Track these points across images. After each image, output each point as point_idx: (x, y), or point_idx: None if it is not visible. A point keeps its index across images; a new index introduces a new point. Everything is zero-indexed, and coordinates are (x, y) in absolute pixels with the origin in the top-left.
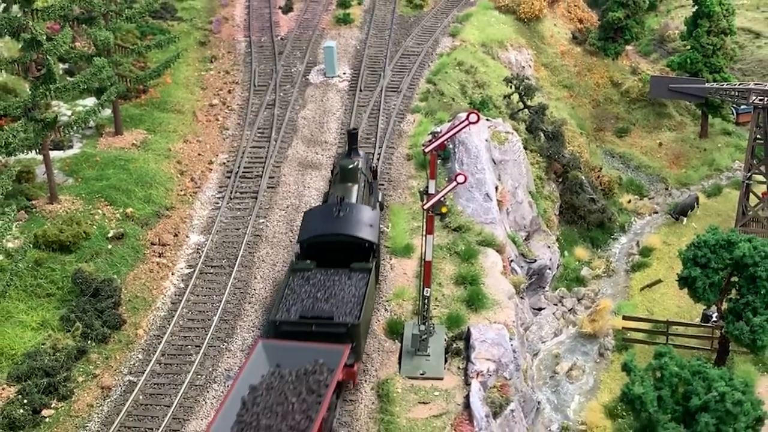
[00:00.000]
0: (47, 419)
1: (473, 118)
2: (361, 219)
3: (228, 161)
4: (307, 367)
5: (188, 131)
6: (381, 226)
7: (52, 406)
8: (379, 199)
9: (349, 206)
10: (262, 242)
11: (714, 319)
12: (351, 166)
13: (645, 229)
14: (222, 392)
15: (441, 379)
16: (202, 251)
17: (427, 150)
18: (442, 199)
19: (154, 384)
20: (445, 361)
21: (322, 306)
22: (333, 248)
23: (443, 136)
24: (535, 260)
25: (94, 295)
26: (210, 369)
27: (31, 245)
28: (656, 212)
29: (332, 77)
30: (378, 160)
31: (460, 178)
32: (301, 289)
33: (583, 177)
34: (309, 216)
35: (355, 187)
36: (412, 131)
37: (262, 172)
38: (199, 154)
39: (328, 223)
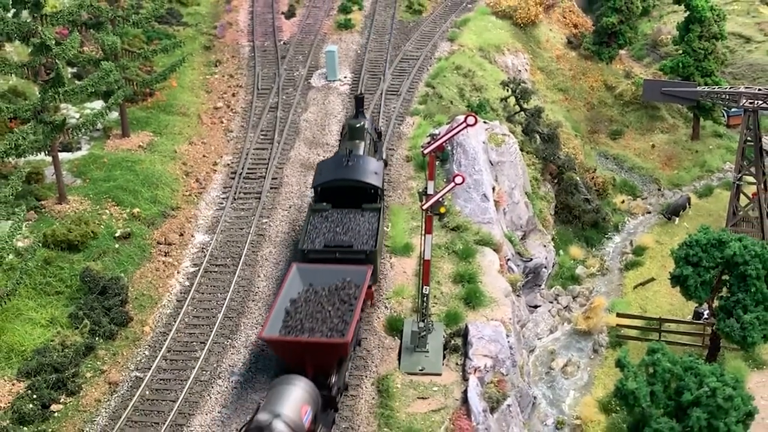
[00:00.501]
0: (56, 414)
1: (471, 120)
2: (368, 168)
3: (232, 163)
4: (337, 284)
5: (193, 133)
6: (385, 183)
7: (61, 401)
8: (383, 157)
9: (357, 157)
10: (265, 241)
11: (705, 316)
12: (358, 125)
13: (638, 229)
14: (226, 388)
15: (439, 374)
16: (207, 250)
17: (426, 151)
18: (440, 199)
19: (160, 379)
20: (444, 357)
21: (341, 237)
22: (343, 192)
23: (442, 138)
24: (531, 259)
25: (101, 293)
26: (215, 365)
27: (41, 244)
28: (649, 212)
29: (333, 81)
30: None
31: (458, 179)
32: (321, 225)
33: (577, 178)
34: (322, 165)
35: (362, 143)
36: (411, 133)
37: (266, 173)
38: (204, 156)
39: (339, 171)
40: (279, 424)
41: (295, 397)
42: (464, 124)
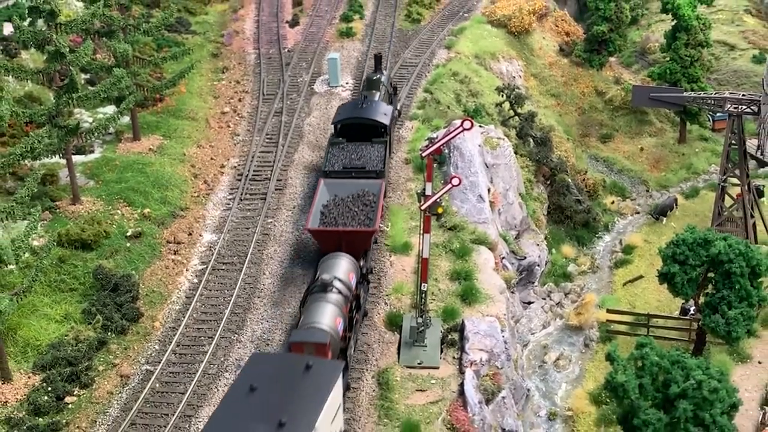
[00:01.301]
0: (70, 405)
1: (467, 125)
2: (378, 110)
3: (239, 165)
4: (358, 193)
5: (201, 137)
6: (394, 124)
7: (75, 393)
8: (397, 108)
9: (370, 101)
10: (270, 241)
11: (692, 312)
12: (375, 78)
13: (627, 229)
14: (232, 381)
15: (437, 368)
16: (215, 249)
17: (424, 154)
18: (438, 200)
19: (170, 373)
20: (441, 351)
21: (356, 162)
22: (357, 128)
23: (439, 141)
24: (525, 257)
25: (113, 290)
26: (222, 359)
27: (55, 243)
28: (638, 213)
29: (336, 87)
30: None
31: (455, 181)
32: (339, 153)
33: (569, 180)
34: (341, 107)
35: (377, 92)
36: (410, 137)
37: (271, 175)
38: (211, 159)
39: (355, 111)
40: (337, 282)
41: (344, 266)
42: (461, 128)
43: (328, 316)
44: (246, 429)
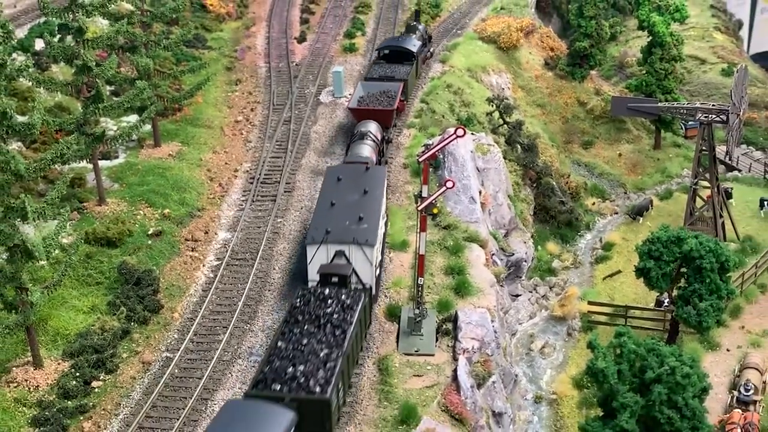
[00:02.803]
0: (96, 390)
1: (460, 132)
2: (410, 42)
3: (251, 169)
4: (383, 91)
5: (217, 144)
6: (421, 58)
7: (101, 378)
8: (430, 50)
9: (406, 37)
10: (280, 238)
11: (666, 304)
12: (413, 24)
13: (607, 228)
14: (246, 367)
15: (432, 355)
16: (229, 246)
17: (420, 160)
18: (433, 201)
19: (188, 359)
20: (436, 340)
21: (388, 73)
22: (393, 53)
23: (435, 147)
24: (513, 254)
25: (136, 284)
26: (235, 347)
27: (83, 241)
28: (616, 213)
29: (340, 97)
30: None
31: (449, 184)
32: (377, 68)
33: (554, 183)
34: (385, 40)
35: (413, 35)
36: (407, 144)
37: (280, 178)
38: (226, 163)
39: (393, 42)
40: (370, 134)
41: (374, 127)
42: (454, 136)
43: (366, 151)
44: (344, 196)
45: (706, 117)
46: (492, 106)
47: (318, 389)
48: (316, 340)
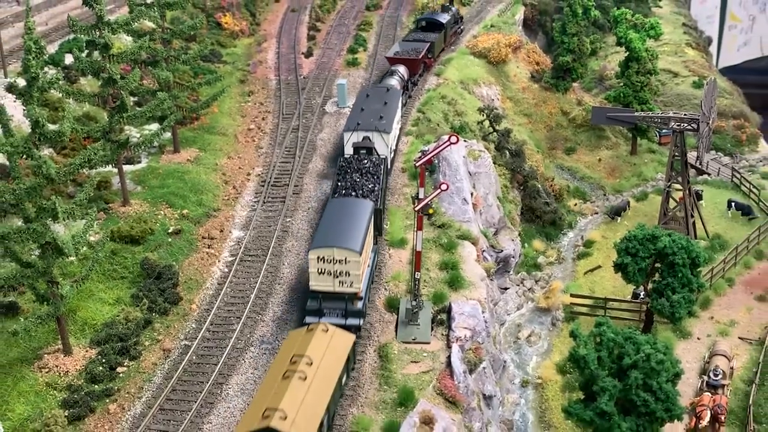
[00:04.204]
0: (121, 374)
1: (454, 139)
2: (441, 16)
3: (262, 173)
4: (416, 47)
5: (231, 150)
6: (452, 30)
7: (125, 364)
8: (461, 27)
9: (440, 13)
10: (288, 236)
11: (642, 296)
12: (447, 5)
13: (588, 226)
14: (257, 354)
15: (428, 343)
16: (242, 243)
17: (417, 164)
18: (429, 202)
19: (205, 347)
20: (432, 329)
21: (421, 37)
22: (428, 24)
23: (430, 153)
24: (502, 250)
25: (157, 278)
26: (248, 336)
27: (108, 239)
28: (596, 213)
29: (343, 107)
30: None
31: (444, 186)
32: (414, 34)
33: (539, 185)
34: (423, 14)
35: (446, 13)
36: (405, 150)
37: (289, 181)
38: (239, 168)
39: (429, 15)
40: (397, 73)
41: (402, 69)
42: (448, 142)
43: (392, 82)
44: (370, 105)
45: (678, 125)
46: (483, 115)
47: (374, 198)
48: (363, 179)
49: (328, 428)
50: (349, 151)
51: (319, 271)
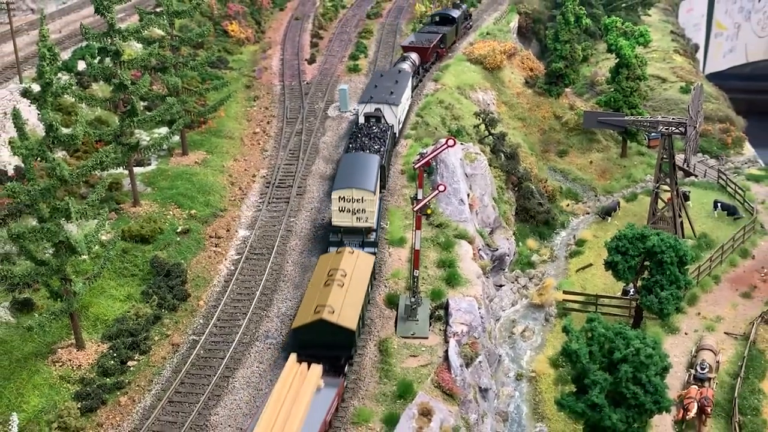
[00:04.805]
0: (131, 368)
1: (451, 143)
2: (453, 12)
3: (267, 175)
4: (430, 38)
5: (237, 152)
6: (462, 24)
7: (135, 358)
8: (471, 23)
9: (452, 9)
10: (292, 236)
11: (631, 293)
12: (458, 2)
13: (579, 226)
14: (262, 348)
15: (426, 338)
16: (248, 242)
17: (416, 166)
18: (427, 203)
19: (212, 342)
20: (430, 324)
21: (434, 29)
22: (441, 19)
23: (428, 156)
24: (497, 249)
25: (166, 275)
26: (253, 330)
27: (120, 238)
28: (588, 213)
29: (345, 112)
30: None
31: (441, 188)
32: (429, 26)
33: (533, 187)
34: (437, 10)
35: (457, 9)
36: (405, 152)
37: (293, 183)
38: (245, 170)
39: (442, 11)
40: (410, 59)
41: (414, 56)
42: (446, 146)
43: (404, 66)
44: (383, 83)
45: (666, 129)
46: (479, 119)
47: (379, 151)
48: (371, 142)
49: (362, 325)
50: (362, 120)
51: (340, 209)
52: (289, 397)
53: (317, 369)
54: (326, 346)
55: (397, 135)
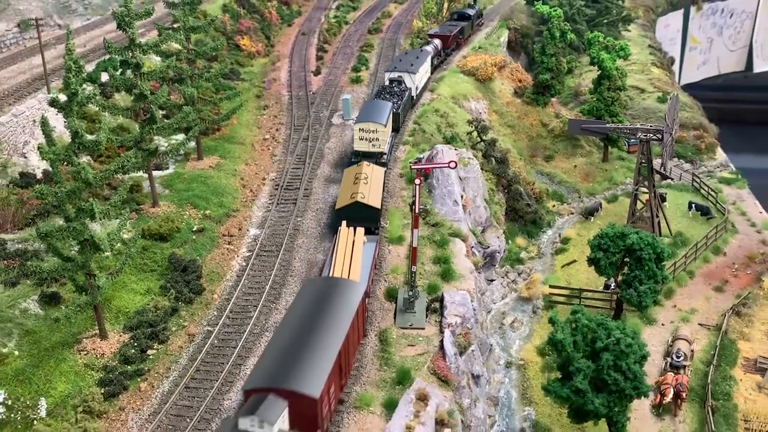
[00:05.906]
0: (151, 357)
1: (453, 165)
2: (469, 10)
3: (276, 178)
4: (452, 30)
5: (248, 157)
6: (475, 22)
7: (154, 347)
8: (482, 21)
9: (467, 8)
10: (299, 234)
11: (612, 287)
12: (472, 3)
13: (564, 225)
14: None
15: (423, 328)
16: (258, 240)
17: (412, 167)
18: (423, 205)
19: (225, 332)
20: (426, 316)
21: (453, 25)
22: (459, 16)
23: (427, 165)
24: (489, 246)
25: (183, 271)
26: (263, 322)
27: (140, 236)
28: (572, 213)
29: (348, 120)
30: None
31: (448, 165)
32: (449, 23)
33: (521, 189)
34: (456, 10)
35: (471, 9)
36: (403, 157)
37: (300, 185)
38: (256, 173)
39: (460, 10)
40: (432, 44)
41: (437, 41)
42: (447, 166)
43: (428, 48)
44: (406, 59)
45: (645, 136)
46: (471, 126)
47: (394, 102)
48: (391, 97)
49: (382, 206)
50: (386, 83)
51: (360, 138)
52: (348, 246)
53: (361, 230)
54: (360, 219)
55: (414, 98)
